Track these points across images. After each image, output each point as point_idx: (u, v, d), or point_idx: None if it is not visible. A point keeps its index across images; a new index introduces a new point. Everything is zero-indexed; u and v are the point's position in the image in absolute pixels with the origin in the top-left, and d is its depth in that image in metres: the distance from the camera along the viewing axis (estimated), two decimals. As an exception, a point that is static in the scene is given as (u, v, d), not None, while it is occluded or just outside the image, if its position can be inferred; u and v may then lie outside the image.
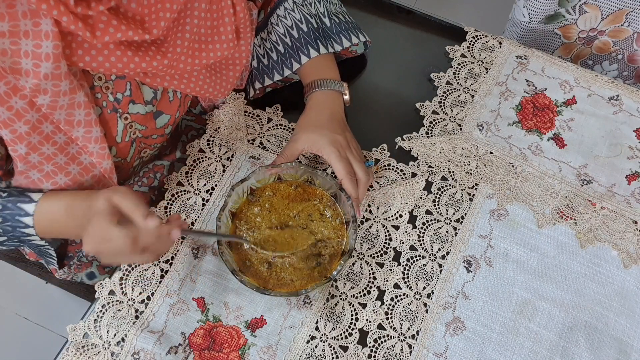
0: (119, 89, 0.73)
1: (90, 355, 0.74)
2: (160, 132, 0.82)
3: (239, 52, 0.82)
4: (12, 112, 0.63)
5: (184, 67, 0.74)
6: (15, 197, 0.70)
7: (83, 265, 0.96)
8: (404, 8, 1.03)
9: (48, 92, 0.63)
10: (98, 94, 0.72)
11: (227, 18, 0.77)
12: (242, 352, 0.75)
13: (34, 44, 0.60)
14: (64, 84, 0.64)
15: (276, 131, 0.89)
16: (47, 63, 0.61)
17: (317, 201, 0.80)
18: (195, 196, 0.84)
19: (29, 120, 0.64)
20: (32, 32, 0.59)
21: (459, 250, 0.82)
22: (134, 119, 0.77)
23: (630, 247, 0.83)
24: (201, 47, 0.76)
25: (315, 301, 0.78)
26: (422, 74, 0.96)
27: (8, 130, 0.64)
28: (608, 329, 0.78)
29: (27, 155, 0.67)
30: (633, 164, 0.89)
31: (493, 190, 0.86)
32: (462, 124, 0.91)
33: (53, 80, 0.62)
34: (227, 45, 0.78)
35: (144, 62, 0.68)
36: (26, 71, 0.61)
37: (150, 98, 0.78)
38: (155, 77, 0.73)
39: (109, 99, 0.73)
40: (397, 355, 0.75)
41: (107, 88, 0.72)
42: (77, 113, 0.67)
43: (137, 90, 0.75)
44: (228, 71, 0.84)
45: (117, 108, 0.74)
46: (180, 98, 0.82)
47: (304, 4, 0.86)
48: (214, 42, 0.77)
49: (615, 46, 1.15)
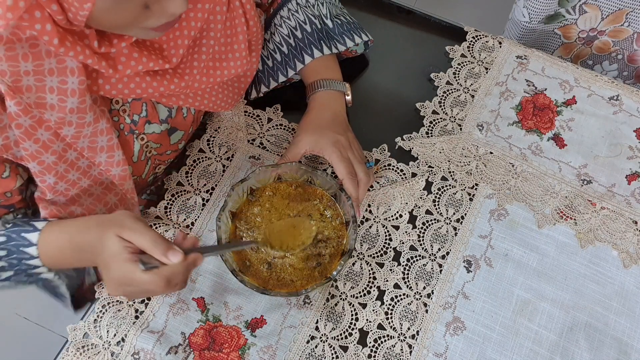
0: (136, 111, 0.74)
1: (90, 355, 0.74)
2: (174, 148, 0.82)
3: (250, 65, 0.82)
4: (39, 145, 0.63)
5: (199, 85, 0.74)
6: (19, 227, 0.68)
7: None
8: (404, 8, 1.03)
9: (73, 124, 0.63)
10: (115, 117, 0.72)
11: (241, 36, 0.77)
12: (242, 352, 0.75)
13: (59, 80, 0.60)
14: (89, 116, 0.64)
15: (276, 131, 0.89)
16: (73, 98, 0.61)
17: (317, 201, 0.80)
18: (195, 196, 0.84)
19: (56, 150, 0.64)
20: (57, 70, 0.59)
21: (459, 250, 0.82)
22: (150, 138, 0.77)
23: (630, 247, 0.83)
24: (216, 65, 0.76)
25: (315, 301, 0.78)
26: (422, 74, 0.96)
27: (36, 162, 0.64)
28: (608, 329, 0.78)
29: (55, 184, 0.67)
30: (633, 164, 0.89)
31: (493, 190, 0.86)
32: (462, 124, 0.91)
33: (78, 113, 0.62)
34: (241, 62, 0.78)
35: (162, 86, 0.68)
36: (51, 105, 0.60)
37: (166, 117, 0.78)
38: (170, 97, 0.73)
39: (125, 122, 0.73)
40: (397, 355, 0.75)
41: (124, 111, 0.72)
42: (99, 140, 0.67)
43: (153, 110, 0.75)
44: (240, 83, 0.84)
45: (134, 129, 0.74)
46: (193, 114, 0.82)
47: (307, 5, 0.86)
48: (227, 59, 0.77)
49: (615, 46, 1.15)
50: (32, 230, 0.68)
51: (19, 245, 0.67)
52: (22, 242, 0.67)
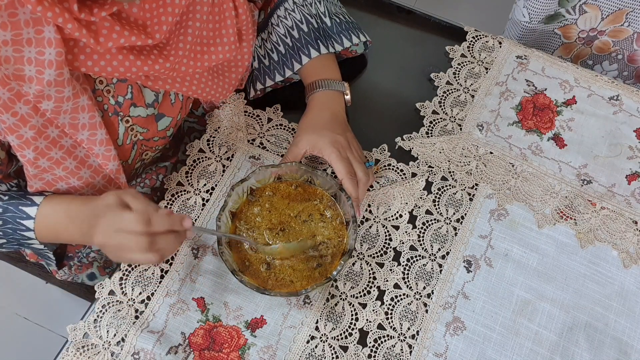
0: (121, 92, 0.73)
1: (91, 355, 0.74)
2: (161, 135, 0.82)
3: (241, 54, 0.82)
4: (17, 118, 0.63)
5: (186, 69, 0.74)
6: (16, 200, 0.70)
7: (84, 266, 0.96)
8: (404, 8, 1.03)
9: (52, 98, 0.63)
10: (99, 97, 0.72)
11: (229, 21, 0.77)
12: (242, 352, 0.75)
13: (37, 51, 0.60)
14: (67, 90, 0.64)
15: (276, 131, 0.89)
16: (51, 70, 0.61)
17: (317, 201, 0.80)
18: (195, 196, 0.84)
19: (34, 125, 0.65)
20: (35, 40, 0.59)
21: (459, 250, 0.82)
22: (135, 121, 0.77)
23: (630, 247, 0.83)
24: (203, 50, 0.76)
25: (315, 301, 0.78)
26: (422, 74, 0.96)
27: (14, 136, 0.64)
28: (608, 329, 0.78)
29: (35, 160, 0.67)
30: (633, 164, 0.89)
31: (493, 190, 0.86)
32: (462, 124, 0.91)
33: (56, 86, 0.62)
34: (230, 48, 0.78)
35: (146, 65, 0.68)
36: (29, 78, 0.61)
37: (152, 101, 0.77)
38: (157, 80, 0.73)
39: (110, 102, 0.73)
40: (397, 355, 0.75)
41: (109, 91, 0.72)
42: (81, 117, 0.67)
43: (139, 94, 0.75)
44: (230, 73, 0.84)
45: (119, 111, 0.74)
46: (182, 100, 0.82)
47: (304, 4, 0.86)
48: (216, 44, 0.77)
49: (615, 46, 1.15)
50: (30, 204, 0.70)
51: (16, 217, 0.70)
52: (20, 215, 0.70)
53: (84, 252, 0.93)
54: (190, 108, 0.88)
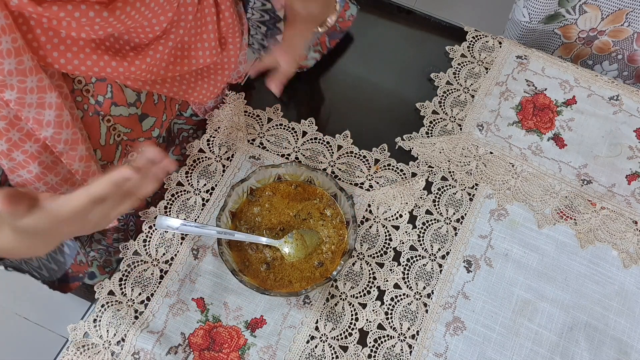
0: (100, 92, 0.72)
1: (91, 354, 0.74)
2: (147, 135, 0.81)
3: (228, 57, 0.81)
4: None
5: (165, 73, 0.73)
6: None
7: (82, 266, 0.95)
8: (404, 8, 1.03)
9: (15, 88, 0.61)
10: (78, 97, 0.71)
11: (210, 26, 0.77)
12: (242, 352, 0.75)
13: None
14: (30, 80, 0.62)
15: (276, 131, 0.89)
16: (9, 59, 0.59)
17: (317, 200, 0.80)
18: (195, 196, 0.84)
19: (6, 116, 0.63)
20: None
21: (459, 250, 0.82)
22: (117, 121, 0.76)
23: (630, 247, 0.83)
24: (183, 54, 0.75)
25: (315, 301, 0.78)
26: (422, 74, 0.96)
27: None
28: (608, 329, 0.78)
29: (9, 152, 0.66)
30: (633, 164, 0.89)
31: (493, 190, 0.86)
32: (462, 124, 0.91)
33: (18, 76, 0.61)
34: (210, 53, 0.78)
35: (121, 66, 0.67)
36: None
37: (134, 100, 0.77)
38: (136, 81, 0.72)
39: (90, 102, 0.72)
40: (397, 355, 0.75)
41: (88, 91, 0.71)
42: (46, 113, 0.65)
43: (120, 93, 0.74)
44: (216, 75, 0.83)
45: (99, 111, 0.73)
46: (165, 101, 0.82)
47: None
48: (196, 49, 0.77)
49: (615, 46, 1.15)
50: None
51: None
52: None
53: (84, 252, 0.92)
54: (177, 109, 0.88)
